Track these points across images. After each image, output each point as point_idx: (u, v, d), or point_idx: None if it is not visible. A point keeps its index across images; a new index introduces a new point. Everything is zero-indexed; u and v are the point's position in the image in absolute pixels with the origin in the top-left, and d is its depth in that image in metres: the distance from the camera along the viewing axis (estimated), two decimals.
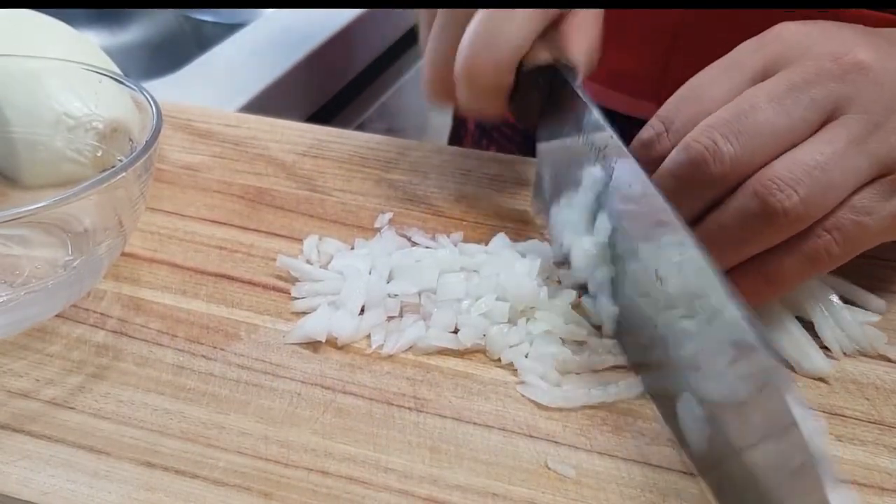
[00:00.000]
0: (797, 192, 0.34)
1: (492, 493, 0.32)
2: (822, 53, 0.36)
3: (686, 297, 0.33)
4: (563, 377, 0.36)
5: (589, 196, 0.40)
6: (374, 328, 0.39)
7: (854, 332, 0.39)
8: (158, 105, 0.39)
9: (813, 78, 0.35)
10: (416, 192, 0.49)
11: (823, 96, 0.35)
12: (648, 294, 0.35)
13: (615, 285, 0.38)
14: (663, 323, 0.35)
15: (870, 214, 0.35)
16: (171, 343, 0.38)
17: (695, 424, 0.33)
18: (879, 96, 0.35)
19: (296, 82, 0.74)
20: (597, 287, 0.39)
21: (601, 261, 0.39)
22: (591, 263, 0.39)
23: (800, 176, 0.34)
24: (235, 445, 0.34)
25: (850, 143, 0.34)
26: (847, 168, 0.34)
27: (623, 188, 0.37)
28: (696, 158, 0.35)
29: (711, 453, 0.32)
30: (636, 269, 0.37)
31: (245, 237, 0.45)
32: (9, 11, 0.48)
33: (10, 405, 0.35)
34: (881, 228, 0.35)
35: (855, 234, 0.35)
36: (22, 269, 0.39)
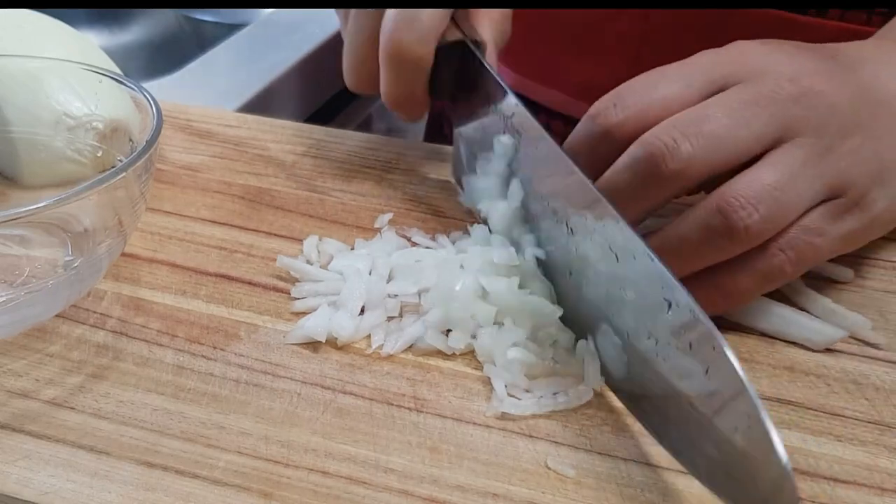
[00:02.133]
0: (758, 210, 0.35)
1: (492, 493, 0.32)
2: (781, 74, 0.37)
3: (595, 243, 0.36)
4: (531, 382, 0.36)
5: (501, 163, 0.43)
6: (374, 328, 0.39)
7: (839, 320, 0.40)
8: (158, 105, 0.39)
9: (771, 96, 0.36)
10: (416, 192, 0.49)
11: (780, 115, 0.36)
12: (563, 246, 0.38)
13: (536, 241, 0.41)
14: (577, 269, 0.37)
15: (821, 235, 0.37)
16: (171, 343, 0.38)
17: (614, 354, 0.35)
18: (832, 121, 0.37)
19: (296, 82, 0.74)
20: (516, 245, 0.41)
21: (517, 221, 0.42)
22: (507, 225, 0.42)
23: (761, 195, 0.35)
24: (235, 445, 0.34)
25: (805, 165, 0.36)
26: (801, 189, 0.36)
27: (531, 152, 0.40)
28: (653, 154, 0.36)
29: (631, 378, 0.34)
30: (548, 224, 0.39)
31: (245, 237, 0.45)
32: (9, 11, 0.48)
33: (10, 405, 0.35)
34: (831, 249, 0.37)
35: (807, 254, 0.37)
36: (22, 269, 0.39)
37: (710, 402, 0.30)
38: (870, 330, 0.39)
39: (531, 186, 0.41)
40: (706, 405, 0.30)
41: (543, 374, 0.37)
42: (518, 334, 0.38)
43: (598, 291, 0.36)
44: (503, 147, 0.42)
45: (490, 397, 0.36)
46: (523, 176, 0.41)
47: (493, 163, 0.43)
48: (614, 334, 0.35)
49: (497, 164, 0.43)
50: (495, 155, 0.43)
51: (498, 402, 0.35)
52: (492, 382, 0.36)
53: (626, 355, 0.34)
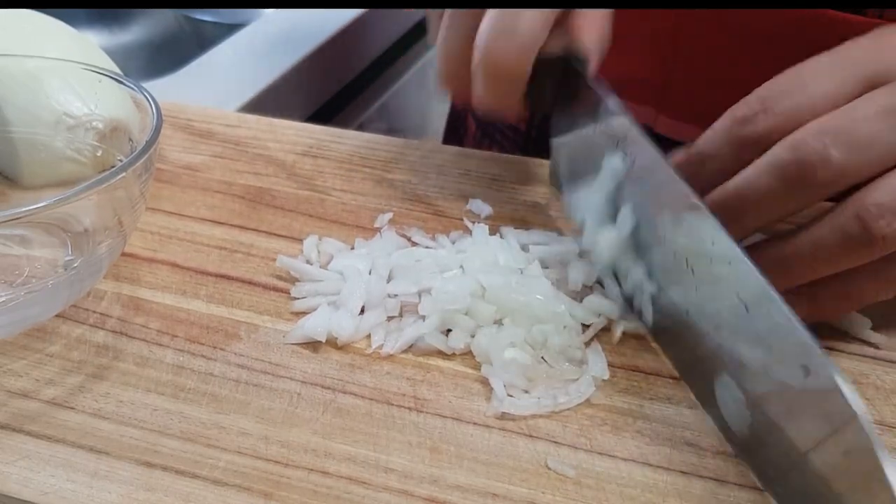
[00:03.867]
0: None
1: (492, 493, 0.32)
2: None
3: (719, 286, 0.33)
4: (529, 382, 0.36)
5: (609, 185, 0.40)
6: (374, 328, 0.39)
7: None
8: (158, 105, 0.39)
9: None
10: (416, 192, 0.49)
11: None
12: (678, 282, 0.36)
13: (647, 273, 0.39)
14: (695, 311, 0.35)
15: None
16: (171, 343, 0.38)
17: (735, 408, 0.33)
18: None
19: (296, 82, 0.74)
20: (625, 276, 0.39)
21: (625, 251, 0.39)
22: (615, 254, 0.40)
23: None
24: (235, 445, 0.34)
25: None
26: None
27: (644, 178, 0.37)
28: (803, 160, 0.34)
29: (753, 437, 0.32)
30: (664, 259, 0.37)
31: (245, 237, 0.45)
32: (9, 11, 0.48)
33: (10, 405, 0.35)
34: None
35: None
36: (22, 269, 0.39)
37: (841, 476, 0.28)
38: (869, 330, 0.39)
39: (643, 215, 0.38)
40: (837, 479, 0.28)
41: (542, 375, 0.37)
42: (516, 334, 0.38)
43: (719, 339, 0.34)
44: (613, 170, 0.40)
45: (490, 397, 0.36)
46: (634, 202, 0.39)
47: (599, 181, 0.41)
48: (737, 388, 0.33)
49: (604, 184, 0.40)
50: (603, 174, 0.41)
51: (498, 402, 0.35)
52: (490, 383, 0.36)
53: (749, 413, 0.32)
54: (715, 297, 0.34)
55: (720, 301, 0.33)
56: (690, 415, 0.36)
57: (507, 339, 0.37)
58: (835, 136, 0.34)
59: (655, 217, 0.37)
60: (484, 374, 0.37)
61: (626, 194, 0.39)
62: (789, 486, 0.31)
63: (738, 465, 0.34)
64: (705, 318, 0.35)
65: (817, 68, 0.36)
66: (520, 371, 0.36)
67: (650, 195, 0.37)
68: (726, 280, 0.33)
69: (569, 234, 0.44)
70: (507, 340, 0.37)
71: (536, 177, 0.50)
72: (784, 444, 0.31)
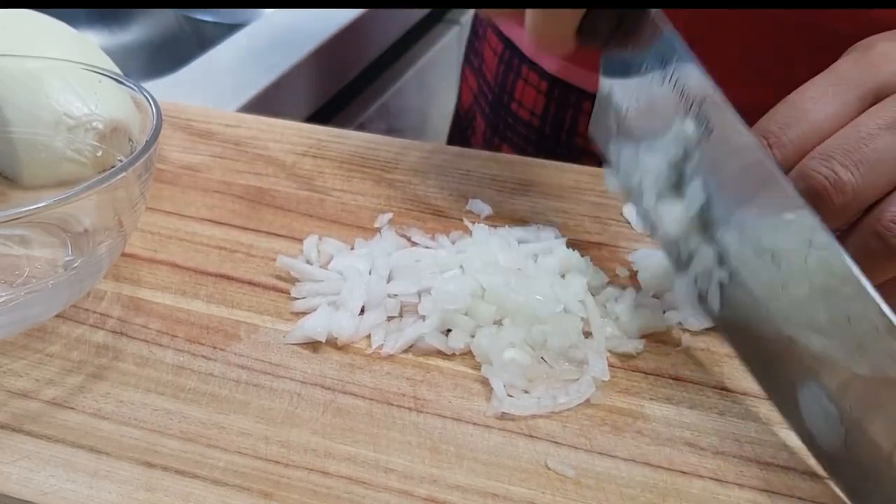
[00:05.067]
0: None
1: (492, 493, 0.32)
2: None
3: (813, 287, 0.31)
4: (529, 383, 0.36)
5: (676, 149, 0.37)
6: (374, 328, 0.39)
7: None
8: (158, 105, 0.39)
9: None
10: (416, 192, 0.49)
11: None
12: (760, 276, 0.34)
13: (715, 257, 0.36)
14: (778, 308, 0.33)
15: None
16: (171, 343, 0.38)
17: (825, 423, 0.31)
18: None
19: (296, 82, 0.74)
20: (689, 256, 0.37)
21: (694, 229, 0.36)
22: (683, 232, 0.37)
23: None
24: (235, 445, 0.34)
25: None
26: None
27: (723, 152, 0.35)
28: (816, 188, 0.33)
29: (848, 454, 0.31)
30: (741, 247, 0.34)
31: (245, 237, 0.45)
32: (9, 11, 0.48)
33: (10, 405, 0.35)
34: None
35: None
36: (22, 269, 0.39)
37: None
38: None
39: (717, 193, 0.35)
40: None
41: (542, 375, 0.37)
42: (516, 335, 0.38)
43: (808, 344, 0.32)
44: (684, 134, 0.36)
45: (490, 397, 0.36)
46: (706, 175, 0.36)
47: (663, 144, 0.37)
48: (828, 400, 0.31)
49: (670, 149, 0.37)
50: (670, 138, 0.37)
51: (498, 402, 0.35)
52: (490, 383, 0.36)
53: (843, 429, 0.30)
54: (808, 301, 0.32)
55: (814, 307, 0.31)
56: (690, 415, 0.36)
57: (507, 340, 0.37)
58: (842, 159, 0.33)
59: (734, 199, 0.35)
60: (484, 375, 0.37)
61: (696, 165, 0.36)
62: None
63: (740, 465, 0.34)
64: (792, 321, 0.32)
65: (815, 94, 0.36)
66: (520, 371, 0.36)
67: (731, 174, 0.35)
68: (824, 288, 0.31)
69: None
70: (507, 340, 0.37)
71: (537, 177, 0.50)
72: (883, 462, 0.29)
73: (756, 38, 0.47)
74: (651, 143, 0.38)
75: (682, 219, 0.37)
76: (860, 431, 0.30)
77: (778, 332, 0.33)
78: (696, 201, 0.36)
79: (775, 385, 0.34)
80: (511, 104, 0.65)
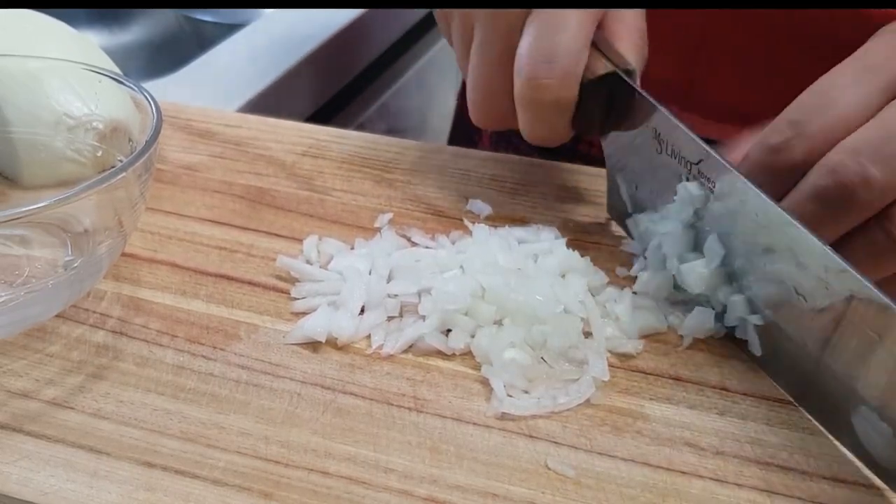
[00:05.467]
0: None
1: (492, 493, 0.32)
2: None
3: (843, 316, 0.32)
4: (529, 383, 0.36)
5: (686, 210, 0.39)
6: (374, 328, 0.39)
7: None
8: (158, 105, 0.39)
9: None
10: (416, 192, 0.49)
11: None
12: (789, 312, 0.35)
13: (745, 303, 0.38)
14: (814, 342, 0.34)
15: None
16: (171, 343, 0.38)
17: (880, 440, 0.31)
18: None
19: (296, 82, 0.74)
20: (722, 308, 0.39)
21: (718, 281, 0.38)
22: (710, 286, 0.38)
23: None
24: (235, 445, 0.34)
25: None
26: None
27: (729, 203, 0.36)
28: (844, 184, 0.34)
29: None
30: (766, 288, 0.36)
31: (245, 237, 0.45)
32: (9, 11, 0.48)
33: (10, 405, 0.35)
34: None
35: None
36: (22, 269, 0.39)
37: None
38: None
39: (732, 243, 0.37)
40: None
41: (542, 375, 0.37)
42: (516, 335, 0.38)
43: (849, 368, 0.32)
44: (690, 196, 0.38)
45: (490, 397, 0.36)
46: (719, 229, 0.38)
47: (674, 209, 0.40)
48: (880, 420, 0.31)
49: (681, 212, 0.39)
50: (679, 202, 0.39)
51: (498, 402, 0.35)
52: (490, 383, 0.36)
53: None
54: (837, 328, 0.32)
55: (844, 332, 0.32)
56: (690, 415, 0.36)
57: (507, 340, 0.37)
58: (872, 154, 0.33)
59: (750, 245, 0.36)
60: (484, 375, 0.37)
61: (708, 222, 0.38)
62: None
63: (740, 465, 0.34)
64: (829, 351, 0.33)
65: (840, 82, 0.36)
66: (520, 371, 0.36)
67: (740, 224, 0.36)
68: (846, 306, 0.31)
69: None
70: (507, 341, 0.37)
71: (537, 177, 0.50)
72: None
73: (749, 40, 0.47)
74: (664, 211, 0.40)
75: (706, 275, 0.38)
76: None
77: (818, 365, 0.34)
78: (716, 256, 0.38)
79: (831, 417, 0.35)
80: None
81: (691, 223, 0.39)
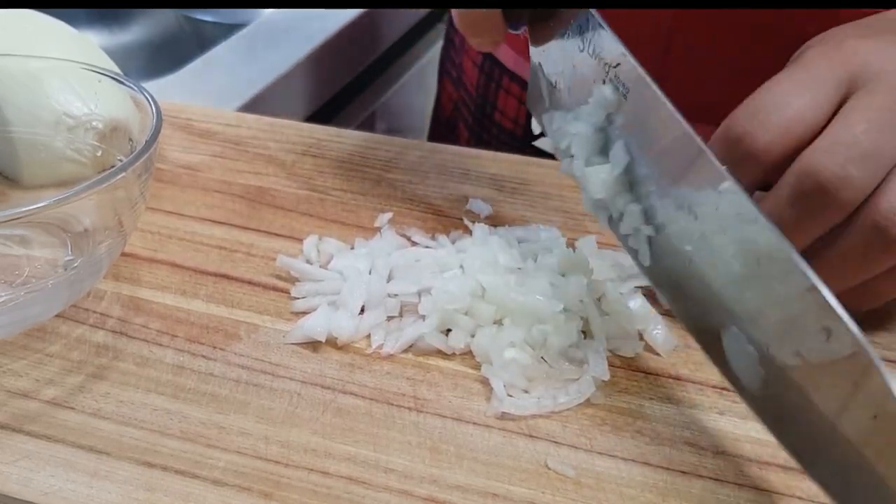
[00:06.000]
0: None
1: (492, 493, 0.32)
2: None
3: (728, 238, 0.32)
4: (529, 382, 0.36)
5: (598, 114, 0.38)
6: (374, 328, 0.39)
7: None
8: (158, 105, 0.39)
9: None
10: (416, 192, 0.49)
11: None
12: (680, 227, 0.35)
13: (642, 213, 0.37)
14: (700, 259, 0.34)
15: None
16: (171, 343, 0.38)
17: (746, 364, 0.32)
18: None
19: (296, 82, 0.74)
20: (619, 215, 0.38)
21: (620, 189, 0.38)
22: (610, 193, 0.38)
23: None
24: (235, 445, 0.34)
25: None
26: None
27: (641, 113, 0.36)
28: (822, 185, 0.34)
29: (768, 393, 0.32)
30: (663, 202, 0.36)
31: (245, 237, 0.45)
32: (9, 11, 0.48)
33: (10, 405, 0.35)
34: None
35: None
36: (22, 269, 0.39)
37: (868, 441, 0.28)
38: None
39: (638, 151, 0.37)
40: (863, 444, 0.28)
41: (542, 375, 0.37)
42: (516, 334, 0.38)
43: (727, 290, 0.33)
44: (604, 99, 0.38)
45: (490, 397, 0.36)
46: (627, 136, 0.37)
47: (587, 110, 0.39)
48: (748, 343, 0.32)
49: (593, 114, 0.38)
50: (593, 104, 0.38)
51: (498, 402, 0.35)
52: (490, 383, 0.36)
53: (762, 370, 0.32)
54: (723, 248, 0.33)
55: (728, 252, 0.32)
56: (690, 415, 0.36)
57: (507, 339, 0.37)
58: (847, 154, 0.34)
59: (654, 158, 0.36)
60: (484, 374, 0.37)
61: (617, 128, 0.38)
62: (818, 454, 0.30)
63: (740, 465, 0.34)
64: (711, 269, 0.34)
65: (790, 87, 0.36)
66: (520, 371, 0.36)
67: (647, 134, 0.36)
68: (735, 230, 0.32)
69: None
70: (507, 340, 0.37)
71: (537, 177, 0.50)
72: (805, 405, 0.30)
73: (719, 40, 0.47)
74: (577, 111, 0.40)
75: (609, 180, 0.38)
76: (777, 370, 0.31)
77: (700, 282, 0.34)
78: (621, 162, 0.37)
79: (703, 333, 0.35)
80: (494, 114, 0.65)
81: (602, 127, 0.39)
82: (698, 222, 0.34)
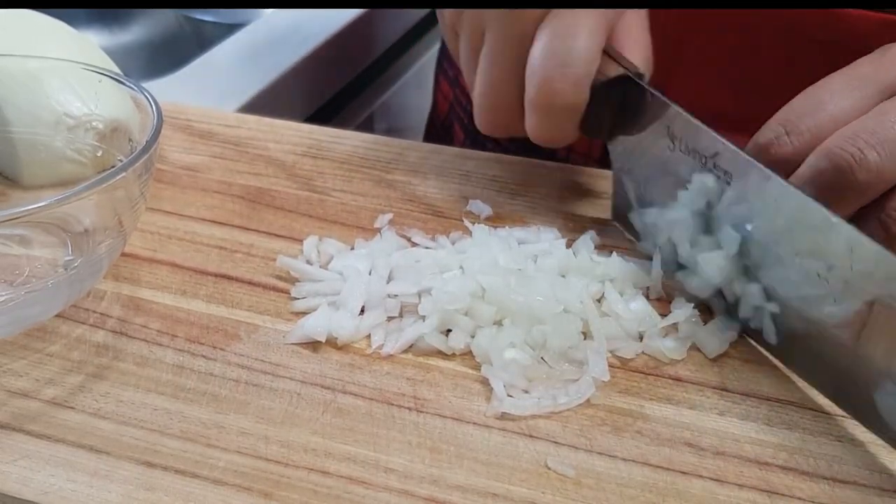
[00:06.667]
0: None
1: (492, 493, 0.32)
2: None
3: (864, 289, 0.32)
4: (529, 383, 0.36)
5: (699, 201, 0.39)
6: (374, 328, 0.39)
7: None
8: (158, 105, 0.39)
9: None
10: (416, 192, 0.49)
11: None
12: (811, 294, 0.35)
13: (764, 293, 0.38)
14: (835, 322, 0.34)
15: None
16: (171, 343, 0.38)
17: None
18: None
19: (296, 82, 0.74)
20: (735, 300, 0.39)
21: (736, 272, 0.38)
22: (726, 276, 0.39)
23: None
24: (235, 445, 0.34)
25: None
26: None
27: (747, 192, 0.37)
28: (840, 166, 0.34)
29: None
30: (786, 274, 0.36)
31: (245, 237, 0.45)
32: (9, 11, 0.48)
33: (10, 405, 0.35)
34: None
35: None
36: (22, 269, 0.39)
37: None
38: None
39: (749, 232, 0.37)
40: None
41: (542, 375, 0.37)
42: (516, 335, 0.38)
43: (877, 349, 0.33)
44: (705, 187, 0.39)
45: (490, 397, 0.36)
46: (734, 220, 0.38)
47: (686, 201, 0.40)
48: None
49: (692, 202, 0.40)
50: (692, 192, 0.40)
51: (498, 402, 0.35)
52: (490, 383, 0.36)
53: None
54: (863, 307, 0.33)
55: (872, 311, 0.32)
56: (690, 415, 0.36)
57: (506, 340, 0.37)
58: (868, 138, 0.34)
59: (770, 235, 0.36)
60: (484, 375, 0.37)
61: (721, 213, 0.38)
62: None
63: (740, 465, 0.34)
64: (853, 329, 0.33)
65: (832, 88, 0.37)
66: (520, 371, 0.36)
67: (759, 212, 0.37)
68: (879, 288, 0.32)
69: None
70: (507, 341, 0.37)
71: (537, 177, 0.50)
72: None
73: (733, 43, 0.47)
74: (673, 203, 0.41)
75: (723, 263, 0.38)
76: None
77: (841, 345, 0.34)
78: (734, 242, 0.38)
79: (851, 398, 0.35)
80: None
81: (701, 213, 0.39)
82: (830, 287, 0.34)
